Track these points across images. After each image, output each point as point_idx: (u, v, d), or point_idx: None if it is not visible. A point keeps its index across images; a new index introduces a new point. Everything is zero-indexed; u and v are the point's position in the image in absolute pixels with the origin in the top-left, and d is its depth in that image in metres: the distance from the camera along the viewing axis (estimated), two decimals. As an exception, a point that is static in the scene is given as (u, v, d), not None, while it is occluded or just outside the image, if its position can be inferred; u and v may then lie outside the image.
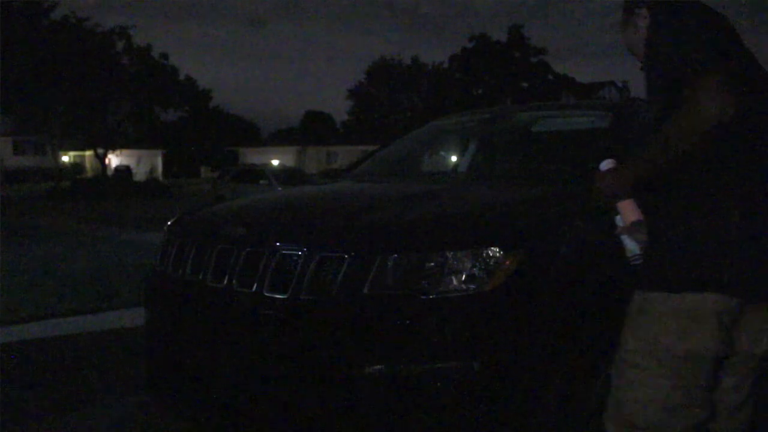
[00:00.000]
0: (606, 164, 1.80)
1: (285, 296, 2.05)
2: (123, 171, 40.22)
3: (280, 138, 62.47)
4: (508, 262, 1.98)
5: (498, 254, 1.98)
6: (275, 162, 28.77)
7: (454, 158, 4.03)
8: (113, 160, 39.93)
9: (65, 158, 47.29)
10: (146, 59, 32.75)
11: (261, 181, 17.77)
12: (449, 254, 1.97)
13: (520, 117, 3.94)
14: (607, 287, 2.42)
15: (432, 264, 1.96)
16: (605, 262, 2.45)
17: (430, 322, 1.93)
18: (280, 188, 13.51)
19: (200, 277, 2.32)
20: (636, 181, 1.67)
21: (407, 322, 1.92)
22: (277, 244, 2.16)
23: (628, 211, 1.72)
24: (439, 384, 1.90)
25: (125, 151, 40.22)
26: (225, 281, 2.22)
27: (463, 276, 1.95)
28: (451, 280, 1.95)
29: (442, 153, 4.32)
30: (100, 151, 32.13)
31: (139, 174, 41.99)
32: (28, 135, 40.18)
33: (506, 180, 3.08)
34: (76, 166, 47.87)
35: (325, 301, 2.00)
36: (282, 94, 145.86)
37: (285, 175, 18.43)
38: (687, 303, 1.58)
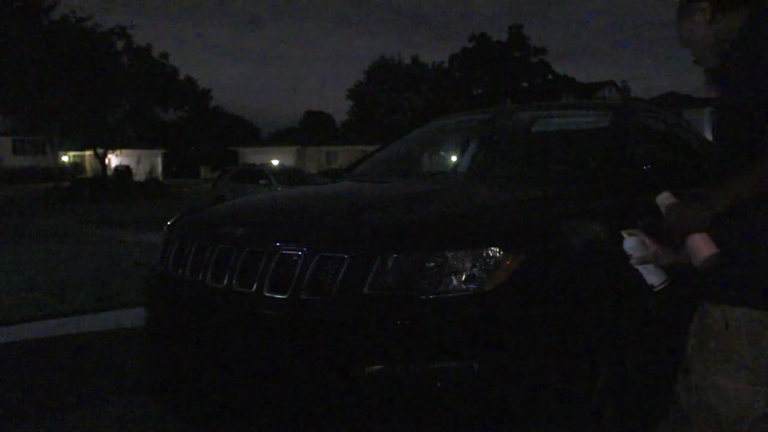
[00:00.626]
0: (664, 198, 1.69)
1: (285, 296, 2.05)
2: (123, 171, 40.21)
3: (280, 138, 62.47)
4: (508, 262, 1.98)
5: (498, 254, 1.98)
6: (275, 162, 28.74)
7: (454, 158, 4.04)
8: (113, 160, 39.86)
9: (65, 158, 47.27)
10: (146, 59, 32.69)
11: (261, 181, 17.76)
12: (449, 254, 1.97)
13: (520, 117, 3.94)
14: (607, 287, 2.42)
15: (432, 264, 1.96)
16: (605, 261, 2.46)
17: (430, 322, 1.93)
18: (280, 188, 13.51)
19: (200, 277, 2.32)
20: (716, 217, 1.55)
21: (407, 322, 1.92)
22: (277, 244, 2.16)
23: (702, 246, 1.60)
24: (439, 384, 1.90)
25: (125, 151, 40.16)
26: (225, 281, 2.22)
27: (463, 276, 1.95)
28: (451, 280, 1.95)
29: (442, 153, 4.32)
30: (100, 151, 32.06)
31: (139, 174, 41.98)
32: (28, 135, 40.16)
33: (506, 180, 3.08)
34: (76, 166, 47.84)
35: (325, 301, 2.00)
36: (282, 94, 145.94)
37: (285, 175, 18.40)
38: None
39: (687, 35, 1.78)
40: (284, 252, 2.12)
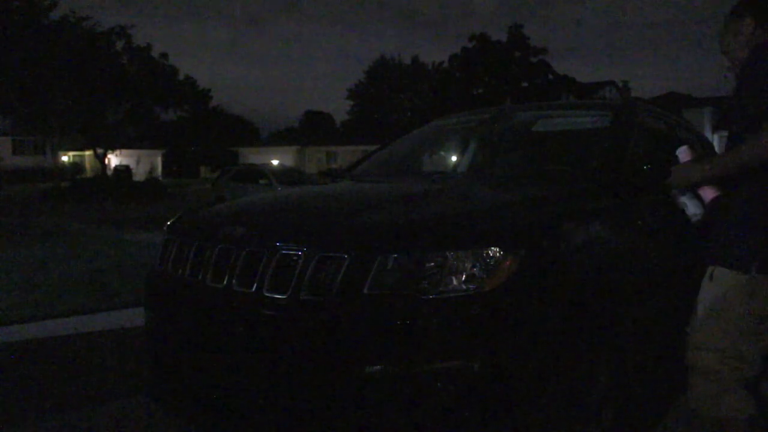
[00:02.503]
0: (682, 152, 2.22)
1: (285, 296, 2.05)
2: (123, 171, 40.21)
3: (280, 138, 62.48)
4: (508, 262, 1.98)
5: (498, 254, 1.98)
6: (275, 162, 28.76)
7: (454, 158, 4.03)
8: (113, 160, 39.90)
9: (65, 158, 47.32)
10: (146, 59, 32.67)
11: (261, 181, 17.78)
12: (449, 254, 1.97)
13: (520, 117, 3.94)
14: (607, 286, 2.42)
15: (432, 264, 1.96)
16: (605, 261, 2.46)
17: (430, 322, 1.93)
18: (280, 188, 13.51)
19: (200, 277, 2.32)
20: (704, 179, 2.09)
21: (407, 322, 1.92)
22: (277, 244, 2.16)
23: (707, 191, 2.13)
24: (439, 384, 1.90)
25: (125, 151, 40.19)
26: (225, 281, 2.22)
27: (463, 276, 1.95)
28: (451, 280, 1.95)
29: (443, 153, 4.32)
30: (100, 151, 32.06)
31: (139, 174, 42.00)
32: (27, 135, 40.16)
33: (506, 180, 3.08)
34: (76, 166, 47.86)
35: (325, 301, 2.00)
36: (282, 94, 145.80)
37: (285, 175, 18.42)
38: (754, 280, 1.94)
39: (727, 46, 2.09)
40: (284, 252, 2.12)
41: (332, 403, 1.97)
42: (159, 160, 51.48)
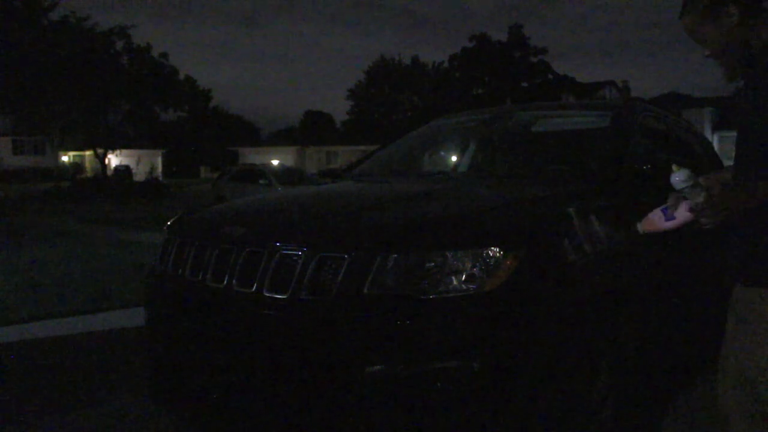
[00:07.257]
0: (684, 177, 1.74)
1: (285, 296, 2.05)
2: (123, 171, 40.22)
3: (280, 138, 62.49)
4: (508, 262, 1.98)
5: (498, 254, 1.98)
6: (275, 162, 28.77)
7: (454, 158, 4.04)
8: (113, 160, 39.93)
9: (65, 158, 47.37)
10: (146, 59, 32.69)
11: (261, 181, 17.77)
12: (449, 254, 1.97)
13: (520, 117, 3.94)
14: (607, 287, 2.42)
15: (432, 264, 1.96)
16: (605, 261, 2.46)
17: (430, 322, 1.93)
18: (280, 188, 13.51)
19: (200, 277, 2.32)
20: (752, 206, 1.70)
21: (407, 322, 1.92)
22: (277, 244, 2.16)
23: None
24: (439, 384, 1.90)
25: (125, 151, 40.22)
26: (225, 281, 2.22)
27: (463, 276, 1.95)
28: (451, 280, 1.95)
29: (442, 153, 4.32)
30: (100, 151, 32.08)
31: (139, 174, 41.99)
32: (28, 135, 40.22)
33: (506, 180, 3.08)
34: (76, 166, 47.87)
35: (325, 301, 2.00)
36: (282, 94, 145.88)
37: (285, 175, 18.41)
38: None
39: (703, 33, 1.83)
40: (284, 252, 2.12)
41: (332, 403, 1.97)
42: (159, 160, 51.44)
